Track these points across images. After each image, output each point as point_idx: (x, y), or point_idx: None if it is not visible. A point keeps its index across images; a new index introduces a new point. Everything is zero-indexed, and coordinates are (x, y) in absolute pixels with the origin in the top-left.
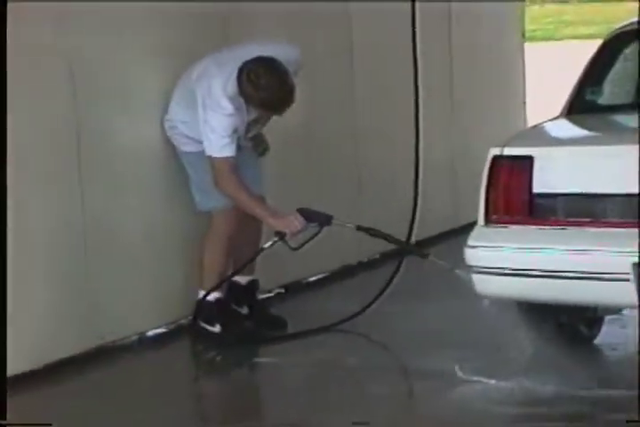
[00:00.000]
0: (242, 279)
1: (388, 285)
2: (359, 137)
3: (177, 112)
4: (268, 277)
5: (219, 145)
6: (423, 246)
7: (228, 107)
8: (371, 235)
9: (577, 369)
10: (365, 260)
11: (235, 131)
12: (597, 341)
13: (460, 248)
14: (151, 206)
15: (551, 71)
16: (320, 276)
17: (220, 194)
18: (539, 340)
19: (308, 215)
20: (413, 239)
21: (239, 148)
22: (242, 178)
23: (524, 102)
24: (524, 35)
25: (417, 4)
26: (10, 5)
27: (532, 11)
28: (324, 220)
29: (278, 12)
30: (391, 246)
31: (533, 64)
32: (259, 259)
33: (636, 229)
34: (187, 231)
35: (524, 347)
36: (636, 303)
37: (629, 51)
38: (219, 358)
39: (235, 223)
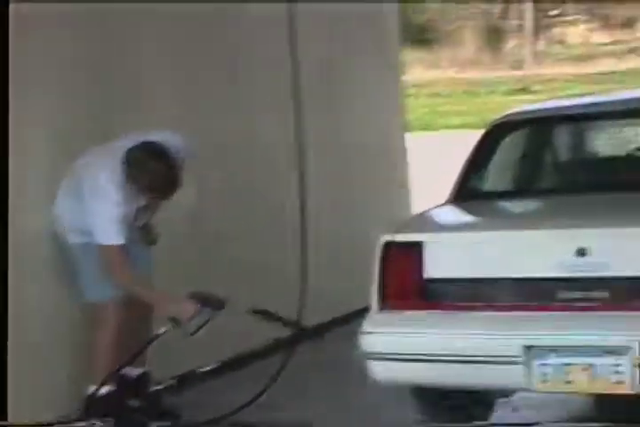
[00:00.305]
0: (132, 371)
1: (277, 375)
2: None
3: (63, 204)
4: (160, 367)
5: (107, 232)
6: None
7: (115, 196)
8: (264, 318)
9: None
10: (258, 347)
11: (123, 218)
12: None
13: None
14: (46, 296)
15: (428, 159)
16: (213, 366)
17: (107, 285)
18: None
19: (200, 299)
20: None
21: (129, 238)
22: (132, 267)
23: (409, 189)
24: (405, 126)
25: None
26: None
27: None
28: (217, 303)
29: None
30: (285, 332)
31: (414, 152)
32: (150, 349)
33: (526, 312)
34: (73, 325)
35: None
36: (527, 387)
37: (509, 139)
38: None
39: (123, 314)
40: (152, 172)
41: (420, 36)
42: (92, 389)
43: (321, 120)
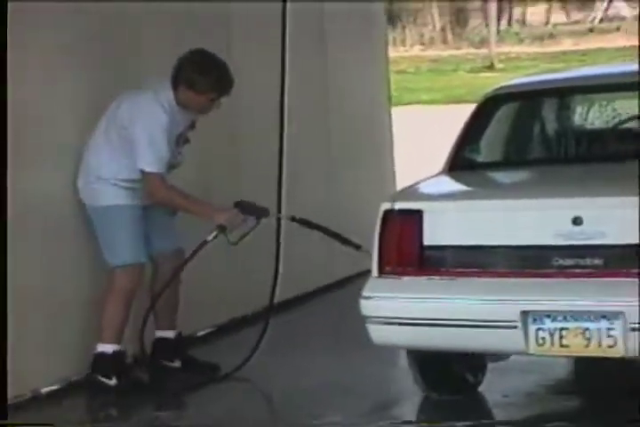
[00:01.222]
0: (169, 334)
1: (260, 339)
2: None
3: (98, 161)
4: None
5: (152, 159)
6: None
7: (162, 115)
8: (307, 226)
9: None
10: (250, 313)
11: (169, 143)
12: (482, 388)
13: (341, 301)
14: (53, 263)
15: (403, 130)
16: (210, 330)
17: (126, 251)
18: (427, 387)
19: (245, 208)
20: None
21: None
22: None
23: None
24: (390, 99)
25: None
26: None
27: None
28: (261, 212)
29: None
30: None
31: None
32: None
33: (523, 279)
34: (85, 287)
35: (411, 394)
36: (524, 350)
37: (501, 113)
38: (114, 414)
39: (138, 279)
40: (211, 68)
41: (387, 15)
42: (100, 347)
43: (311, 88)
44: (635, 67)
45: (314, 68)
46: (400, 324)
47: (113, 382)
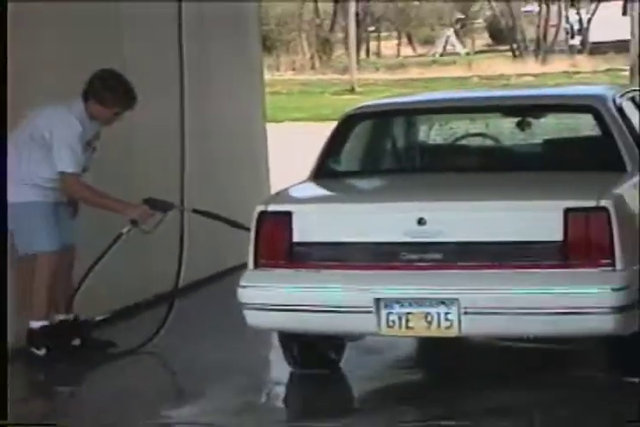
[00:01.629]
0: (68, 316)
1: (164, 322)
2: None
3: (15, 165)
4: None
5: (69, 162)
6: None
7: (77, 126)
8: (207, 217)
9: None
10: (141, 300)
11: (81, 148)
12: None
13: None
14: None
15: (276, 145)
16: (105, 316)
17: (45, 237)
18: (295, 363)
19: (152, 204)
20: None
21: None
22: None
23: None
24: (265, 117)
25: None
26: None
27: None
28: (167, 206)
29: None
30: (166, 288)
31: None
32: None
33: (376, 271)
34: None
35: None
36: (377, 332)
37: (358, 129)
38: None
39: (56, 262)
40: (117, 85)
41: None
42: (32, 323)
43: (195, 108)
44: (470, 93)
45: (200, 92)
46: (271, 310)
47: (42, 352)
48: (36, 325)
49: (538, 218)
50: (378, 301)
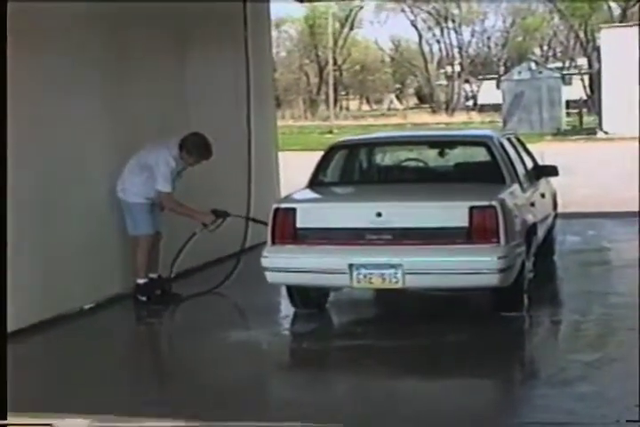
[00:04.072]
0: (154, 275)
1: (231, 272)
2: None
3: (130, 179)
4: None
5: (166, 183)
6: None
7: (173, 163)
8: (253, 222)
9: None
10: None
11: (173, 176)
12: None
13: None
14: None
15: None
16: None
17: (145, 226)
18: (297, 305)
19: (216, 213)
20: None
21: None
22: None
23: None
24: (277, 147)
25: None
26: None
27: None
28: (225, 214)
29: None
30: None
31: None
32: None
33: (350, 246)
34: (123, 246)
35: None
36: (350, 285)
37: (338, 155)
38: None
39: (152, 242)
40: (202, 146)
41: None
42: (138, 280)
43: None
44: (407, 133)
45: (242, 133)
46: (282, 271)
47: (144, 298)
48: (141, 281)
49: (452, 212)
50: (351, 265)
